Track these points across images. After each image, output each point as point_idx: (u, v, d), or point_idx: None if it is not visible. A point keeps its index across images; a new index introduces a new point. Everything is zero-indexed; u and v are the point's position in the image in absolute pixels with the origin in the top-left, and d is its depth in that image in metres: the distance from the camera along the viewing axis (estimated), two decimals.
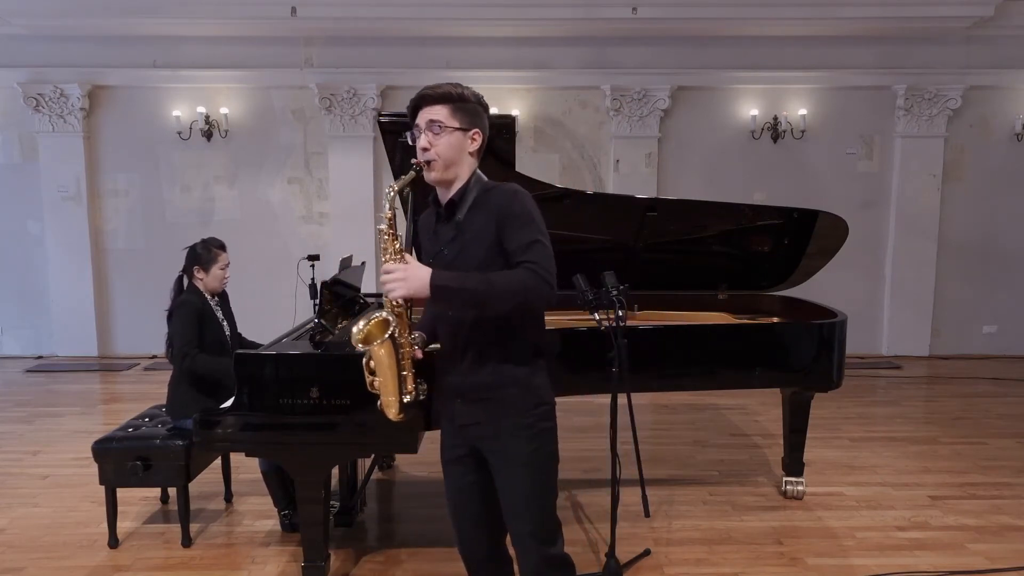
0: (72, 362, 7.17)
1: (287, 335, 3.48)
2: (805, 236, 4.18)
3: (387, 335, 1.99)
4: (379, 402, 2.11)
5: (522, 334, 2.09)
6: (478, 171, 2.12)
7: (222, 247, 3.63)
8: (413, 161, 2.06)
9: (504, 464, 2.10)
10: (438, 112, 2.03)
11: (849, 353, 3.91)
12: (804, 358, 3.69)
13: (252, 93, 7.16)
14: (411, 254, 2.06)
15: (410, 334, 2.09)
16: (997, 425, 5.33)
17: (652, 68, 7.04)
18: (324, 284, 3.40)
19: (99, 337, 7.32)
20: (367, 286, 4.46)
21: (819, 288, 4.57)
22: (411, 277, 1.91)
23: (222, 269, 3.60)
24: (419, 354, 2.11)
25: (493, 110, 7.26)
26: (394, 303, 2.01)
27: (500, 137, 3.47)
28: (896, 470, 4.47)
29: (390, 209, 2.02)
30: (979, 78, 7.07)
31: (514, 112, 6.98)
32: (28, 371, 6.89)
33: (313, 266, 4.60)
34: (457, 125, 2.04)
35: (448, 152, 2.03)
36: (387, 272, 1.94)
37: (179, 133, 7.07)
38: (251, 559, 3.38)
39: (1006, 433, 5.15)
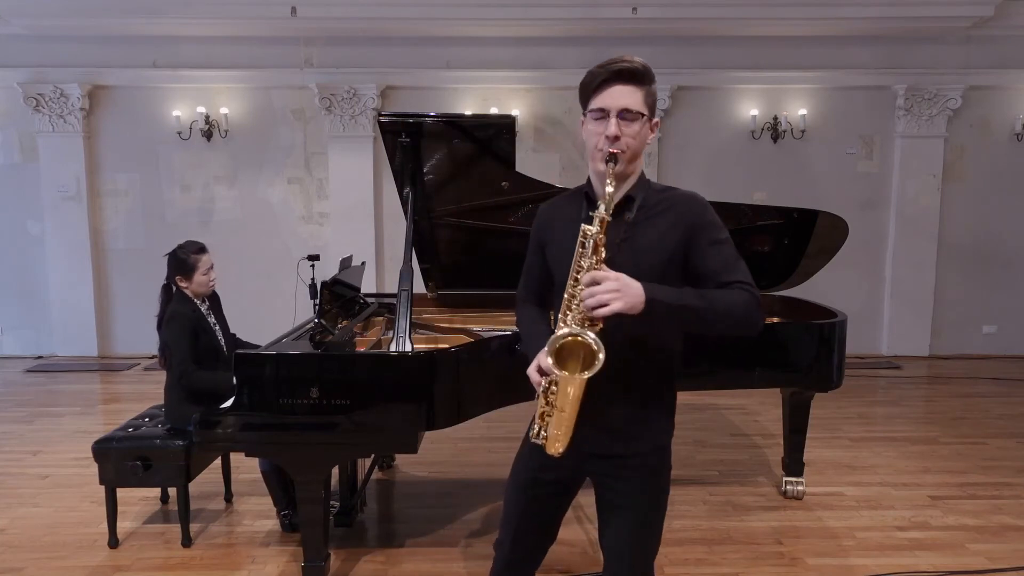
0: (72, 362, 7.17)
1: (287, 335, 3.47)
2: (805, 236, 4.17)
3: (596, 367, 1.63)
4: (535, 430, 1.80)
5: (671, 368, 1.89)
6: None
7: (201, 249, 3.55)
8: (605, 149, 1.74)
9: (624, 500, 1.87)
10: (633, 97, 1.76)
11: (849, 353, 3.91)
12: (804, 358, 3.69)
13: (252, 93, 7.16)
14: (412, 254, 1.98)
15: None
16: (997, 425, 5.33)
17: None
18: (324, 284, 3.40)
19: (99, 337, 7.32)
20: (367, 286, 4.46)
21: (819, 288, 4.57)
22: (627, 290, 1.61)
23: (205, 274, 3.53)
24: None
25: (493, 110, 7.26)
26: (598, 321, 1.67)
27: (500, 137, 3.47)
28: (896, 470, 4.47)
29: (608, 211, 1.68)
30: (979, 78, 7.07)
31: (514, 112, 6.98)
32: (28, 371, 6.89)
33: (313, 266, 4.60)
34: (647, 113, 1.80)
35: (637, 144, 1.78)
36: (596, 283, 1.62)
37: (179, 133, 7.07)
38: (251, 559, 3.38)
39: (1006, 433, 5.15)
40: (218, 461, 3.91)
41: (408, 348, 2.96)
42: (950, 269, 7.38)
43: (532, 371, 1.78)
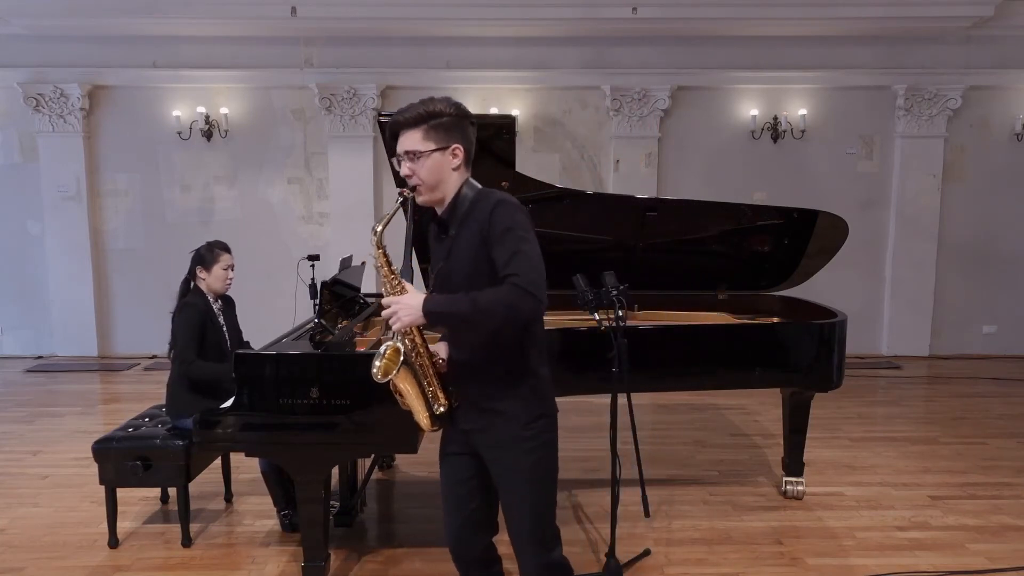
0: (72, 362, 7.17)
1: (287, 335, 3.48)
2: (805, 236, 4.18)
3: (400, 363, 2.02)
4: (407, 407, 2.17)
5: (522, 345, 2.10)
6: (470, 180, 2.11)
7: (226, 248, 3.64)
8: (398, 191, 2.10)
9: (505, 474, 2.13)
10: (412, 139, 2.03)
11: (849, 353, 3.91)
12: (804, 358, 3.69)
13: (252, 93, 7.16)
14: (412, 255, 2.07)
15: (427, 352, 2.13)
16: (997, 425, 5.33)
17: (652, 68, 7.04)
18: (324, 284, 3.40)
19: (99, 337, 7.32)
20: (367, 286, 4.46)
21: (819, 288, 4.57)
22: (405, 308, 1.97)
23: (224, 269, 3.60)
24: (444, 368, 2.16)
25: (493, 110, 7.26)
26: (408, 332, 2.07)
27: (500, 137, 3.47)
28: (896, 470, 4.47)
29: (378, 247, 2.07)
30: (979, 78, 7.07)
31: (514, 112, 6.98)
32: (28, 371, 6.89)
33: (313, 266, 4.60)
34: (433, 147, 2.03)
35: (430, 176, 2.05)
36: (385, 307, 2.01)
37: (179, 133, 7.07)
38: (251, 559, 3.38)
39: (1006, 433, 5.15)
40: (218, 461, 3.91)
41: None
42: (950, 269, 7.38)
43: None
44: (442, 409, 2.13)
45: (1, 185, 7.20)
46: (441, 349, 2.19)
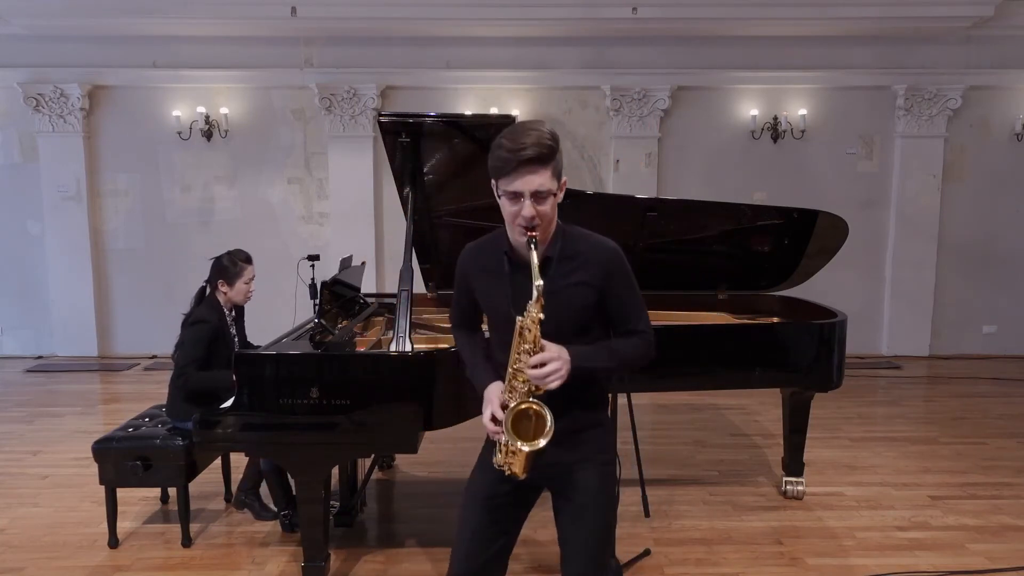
0: (72, 362, 7.17)
1: (287, 335, 3.47)
2: (805, 236, 4.18)
3: (545, 438, 1.87)
4: (504, 460, 1.97)
5: (602, 387, 2.13)
6: None
7: (248, 260, 3.60)
8: (526, 236, 1.86)
9: (578, 497, 2.02)
10: (544, 179, 1.85)
11: (849, 353, 3.91)
12: (804, 358, 3.69)
13: (252, 93, 7.16)
14: (412, 255, 2.03)
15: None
16: (997, 425, 5.33)
17: (652, 68, 7.04)
18: (324, 284, 3.40)
19: (99, 337, 7.32)
20: (367, 286, 4.46)
21: (819, 288, 4.56)
22: (566, 364, 1.86)
23: (247, 283, 3.58)
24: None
25: (493, 110, 7.25)
26: (534, 387, 1.90)
27: None
28: (896, 470, 4.47)
29: (538, 300, 1.84)
30: (979, 78, 7.07)
31: (514, 112, 6.97)
32: (28, 371, 6.89)
33: (313, 266, 4.59)
34: (558, 184, 1.91)
35: (552, 213, 1.92)
36: (540, 366, 1.84)
37: (179, 133, 7.07)
38: (251, 559, 3.38)
39: (1006, 433, 5.15)
40: (218, 461, 3.91)
41: (408, 348, 2.96)
42: (950, 269, 7.38)
43: (487, 422, 1.97)
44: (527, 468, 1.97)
45: (1, 185, 7.20)
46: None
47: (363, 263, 4.39)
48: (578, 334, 1.96)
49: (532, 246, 1.86)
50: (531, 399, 1.90)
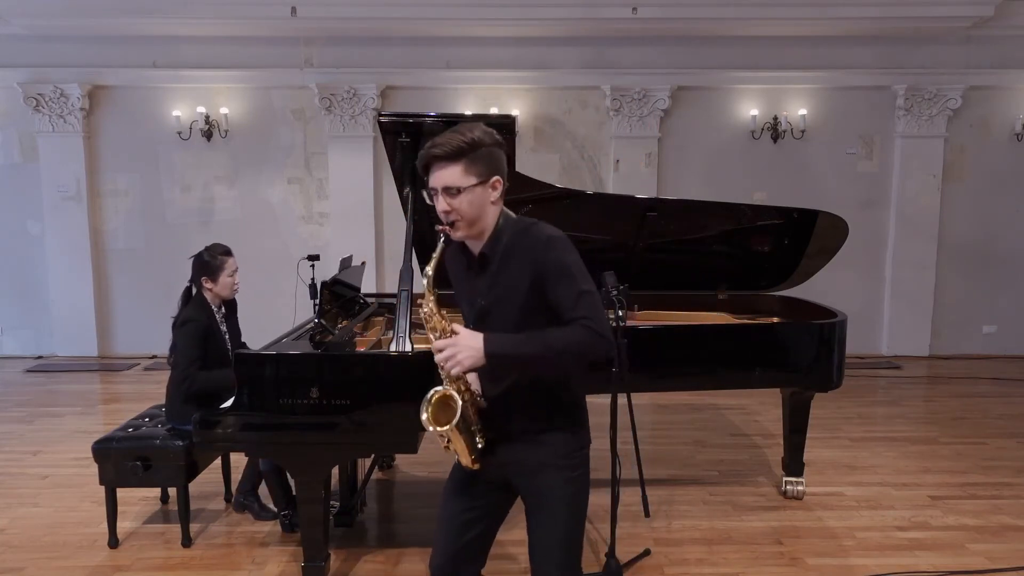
0: (72, 362, 7.17)
1: (287, 335, 3.47)
2: (805, 236, 4.18)
3: (458, 414, 1.92)
4: (444, 446, 2.04)
5: (571, 381, 2.06)
6: (505, 211, 2.01)
7: (228, 252, 3.58)
8: (438, 228, 1.94)
9: (543, 503, 2.03)
10: (452, 175, 1.89)
11: (849, 353, 3.91)
12: (804, 358, 3.69)
13: (252, 93, 7.16)
14: (412, 255, 2.03)
15: (473, 397, 2.02)
16: (997, 425, 5.33)
17: (652, 68, 7.04)
18: (324, 284, 3.40)
19: (99, 337, 7.32)
20: (367, 286, 4.46)
21: (819, 288, 4.57)
22: (466, 351, 1.85)
23: (231, 276, 3.56)
24: (483, 404, 2.05)
25: (493, 110, 7.23)
26: (460, 376, 1.96)
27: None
28: (896, 470, 4.47)
29: (431, 289, 1.93)
30: (979, 78, 7.07)
31: (514, 112, 6.98)
32: (28, 371, 6.89)
33: (313, 266, 4.60)
34: (475, 181, 1.90)
35: (471, 210, 1.91)
36: (439, 351, 1.89)
37: (179, 133, 7.07)
38: (251, 559, 3.38)
39: (1006, 433, 5.15)
40: (218, 461, 3.91)
41: (408, 348, 2.96)
42: (950, 269, 7.38)
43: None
44: (481, 445, 2.04)
45: (1, 185, 7.20)
46: (472, 381, 2.07)
47: (363, 263, 4.39)
48: (524, 329, 1.92)
49: (441, 239, 1.94)
50: (442, 386, 1.95)
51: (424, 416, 1.92)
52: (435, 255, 1.94)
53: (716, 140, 7.24)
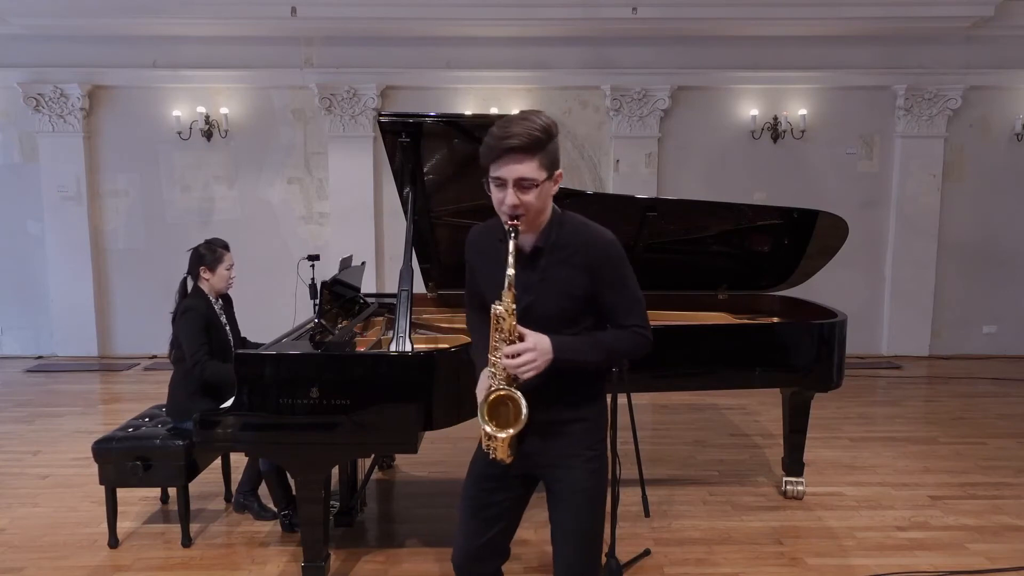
0: (72, 362, 7.17)
1: (287, 335, 3.48)
2: (805, 236, 4.18)
3: (520, 424, 1.89)
4: (487, 443, 2.01)
5: (598, 373, 2.09)
6: (554, 205, 2.00)
7: (226, 247, 3.63)
8: (507, 225, 1.87)
9: (566, 495, 2.04)
10: (528, 168, 1.83)
11: (849, 353, 3.92)
12: (804, 358, 3.69)
13: (252, 93, 7.16)
14: (412, 255, 2.03)
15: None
16: (997, 425, 5.33)
17: (652, 68, 7.04)
18: (324, 284, 3.40)
19: (99, 337, 7.32)
20: (367, 286, 4.46)
21: (819, 288, 4.57)
22: (541, 355, 1.85)
23: (227, 269, 3.59)
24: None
25: (493, 110, 7.23)
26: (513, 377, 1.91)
27: None
28: (896, 470, 4.47)
29: (510, 288, 1.86)
30: (979, 78, 7.07)
31: (514, 112, 6.96)
32: (28, 371, 6.89)
33: (313, 266, 4.60)
34: (546, 175, 1.87)
35: (538, 204, 1.89)
36: (514, 356, 1.85)
37: (179, 133, 7.07)
38: (251, 559, 3.38)
39: (1006, 433, 5.15)
40: (218, 461, 3.91)
41: (408, 348, 2.96)
42: (950, 269, 7.37)
43: (480, 392, 2.00)
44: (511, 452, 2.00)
45: (1, 185, 7.19)
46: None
47: (363, 263, 4.39)
48: (567, 325, 1.95)
49: (512, 235, 1.87)
50: (504, 387, 1.90)
51: (484, 418, 1.92)
52: (511, 252, 1.85)
53: (716, 140, 7.24)
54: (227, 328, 3.62)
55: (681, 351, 3.59)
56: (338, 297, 3.67)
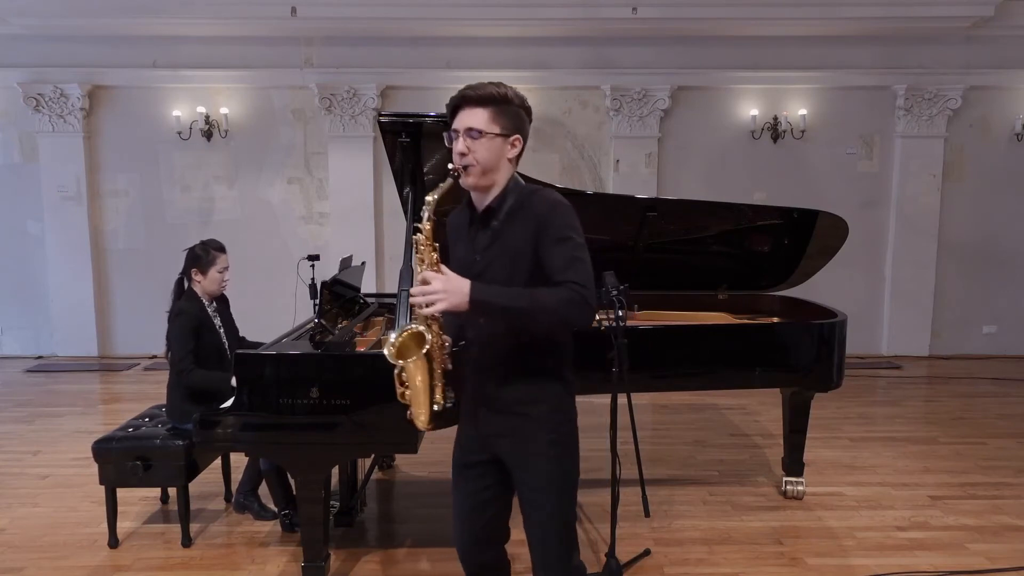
0: (72, 362, 7.17)
1: (287, 335, 3.48)
2: (805, 236, 4.18)
3: (423, 352, 1.93)
4: (408, 412, 2.06)
5: (559, 350, 2.06)
6: (516, 175, 2.06)
7: (221, 249, 3.59)
8: (450, 166, 1.96)
9: (529, 481, 2.06)
10: (478, 117, 1.95)
11: (849, 353, 3.92)
12: (804, 358, 3.69)
13: (252, 93, 7.16)
14: (412, 255, 2.03)
15: (442, 344, 2.00)
16: (997, 425, 5.33)
17: (652, 68, 7.04)
18: (324, 284, 3.40)
19: (99, 337, 7.32)
20: (367, 286, 4.46)
21: (819, 288, 4.57)
22: (452, 290, 1.85)
23: (220, 272, 3.55)
24: (449, 365, 2.03)
25: None
26: (436, 318, 1.95)
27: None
28: (896, 470, 4.47)
29: (428, 219, 1.94)
30: (979, 78, 7.07)
31: None
32: (28, 371, 6.89)
33: (313, 266, 4.61)
34: (497, 131, 1.97)
35: (487, 158, 1.96)
36: (425, 283, 1.87)
37: (179, 133, 7.07)
38: (251, 559, 3.38)
39: (1006, 433, 5.15)
40: (218, 461, 3.91)
41: None
42: (950, 269, 7.38)
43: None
44: (438, 407, 2.03)
45: (1, 185, 7.20)
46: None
47: (363, 263, 4.40)
48: (514, 285, 1.95)
49: (453, 176, 1.96)
50: (412, 324, 1.95)
51: (389, 346, 1.94)
52: (442, 185, 1.96)
53: (716, 140, 7.24)
54: (221, 331, 3.60)
55: (681, 351, 3.59)
56: (338, 297, 3.68)
